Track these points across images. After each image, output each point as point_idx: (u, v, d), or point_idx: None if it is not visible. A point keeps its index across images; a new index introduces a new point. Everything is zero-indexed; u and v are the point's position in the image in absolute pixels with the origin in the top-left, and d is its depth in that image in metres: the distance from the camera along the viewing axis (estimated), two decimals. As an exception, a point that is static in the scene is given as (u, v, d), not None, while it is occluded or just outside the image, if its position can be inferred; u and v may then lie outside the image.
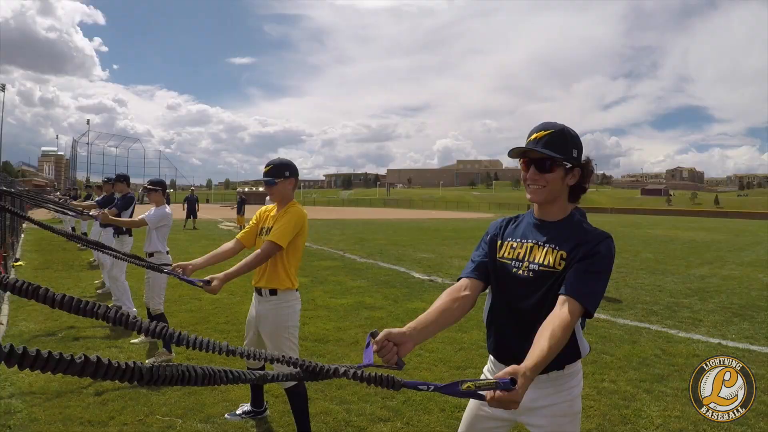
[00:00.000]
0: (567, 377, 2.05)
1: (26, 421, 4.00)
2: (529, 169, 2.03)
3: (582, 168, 2.06)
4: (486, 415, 2.16)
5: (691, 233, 29.01)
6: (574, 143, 2.03)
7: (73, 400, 4.39)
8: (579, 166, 2.04)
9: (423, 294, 9.34)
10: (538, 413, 2.05)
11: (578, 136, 2.06)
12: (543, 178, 2.01)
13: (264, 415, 4.18)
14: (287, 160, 3.81)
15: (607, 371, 5.32)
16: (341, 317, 7.49)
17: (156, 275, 5.76)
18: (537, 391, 2.02)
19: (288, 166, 3.76)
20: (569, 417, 2.06)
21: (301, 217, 3.67)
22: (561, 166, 2.00)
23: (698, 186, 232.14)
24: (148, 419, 4.07)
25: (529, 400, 2.01)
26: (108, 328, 6.70)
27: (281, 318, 3.62)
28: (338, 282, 10.50)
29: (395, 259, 14.16)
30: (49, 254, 14.05)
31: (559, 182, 2.02)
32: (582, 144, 2.07)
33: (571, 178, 2.04)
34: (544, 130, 2.01)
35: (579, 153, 2.04)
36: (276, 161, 3.75)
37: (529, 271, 2.02)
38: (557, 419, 2.04)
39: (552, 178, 2.01)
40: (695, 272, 12.77)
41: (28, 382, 4.78)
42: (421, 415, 4.21)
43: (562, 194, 2.07)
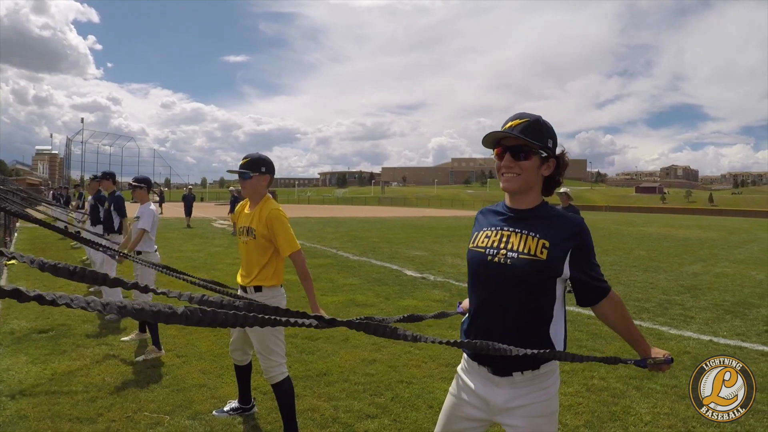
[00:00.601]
0: (543, 377, 2.01)
1: (15, 418, 3.99)
2: (504, 157, 2.01)
3: (557, 159, 2.04)
4: (462, 415, 2.13)
5: (685, 231, 29.07)
6: (550, 134, 2.01)
7: (63, 398, 4.38)
8: (554, 156, 2.03)
9: (415, 291, 9.34)
10: (514, 413, 2.01)
11: (553, 128, 2.05)
12: (518, 166, 1.99)
13: (252, 411, 4.17)
14: (266, 156, 3.81)
15: (597, 368, 5.31)
16: (331, 314, 7.43)
17: (144, 273, 5.75)
18: (512, 391, 2.01)
19: (265, 162, 3.76)
20: (546, 417, 2.03)
21: (285, 215, 3.69)
22: (537, 155, 1.98)
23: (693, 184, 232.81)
24: (136, 416, 4.07)
25: (504, 401, 2.01)
26: (98, 326, 6.69)
27: None
28: (330, 280, 10.49)
29: (388, 256, 14.15)
30: (42, 253, 13.98)
31: (534, 171, 2.00)
32: (557, 136, 2.05)
33: (546, 168, 2.03)
34: (519, 118, 2.00)
35: (554, 144, 2.03)
36: (254, 155, 3.75)
37: (506, 258, 1.98)
38: (534, 419, 2.00)
39: (527, 166, 1.99)
40: (688, 269, 12.80)
41: (18, 379, 4.78)
42: (409, 412, 4.22)
43: (537, 184, 2.05)
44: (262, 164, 3.75)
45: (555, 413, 2.07)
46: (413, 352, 5.76)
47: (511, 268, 1.96)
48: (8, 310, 7.37)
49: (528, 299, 1.96)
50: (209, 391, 4.58)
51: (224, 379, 4.78)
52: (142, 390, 4.59)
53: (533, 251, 1.94)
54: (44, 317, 7.00)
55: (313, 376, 5.01)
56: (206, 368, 5.16)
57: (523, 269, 1.94)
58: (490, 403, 2.04)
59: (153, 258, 5.89)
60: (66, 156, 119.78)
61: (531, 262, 1.93)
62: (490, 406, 2.05)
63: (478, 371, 2.10)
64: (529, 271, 1.93)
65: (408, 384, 4.81)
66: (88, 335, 6.26)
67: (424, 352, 5.74)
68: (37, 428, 3.84)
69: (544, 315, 1.98)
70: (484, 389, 2.06)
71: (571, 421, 4.12)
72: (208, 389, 4.63)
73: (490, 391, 2.04)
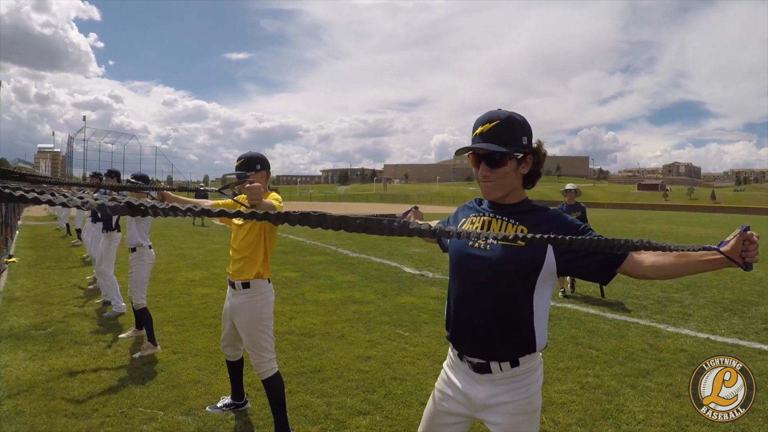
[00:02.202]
0: (524, 374, 2.00)
1: (12, 414, 4.02)
2: (480, 165, 1.98)
3: (534, 154, 2.00)
4: (445, 410, 2.14)
5: (686, 228, 29.06)
6: (523, 130, 1.95)
7: (59, 393, 4.41)
8: (531, 153, 1.98)
9: (413, 289, 9.35)
10: (495, 410, 2.01)
11: (526, 121, 1.98)
12: (495, 173, 1.95)
13: (245, 407, 4.20)
14: (258, 153, 3.85)
15: (592, 366, 5.32)
16: (329, 312, 7.50)
17: (138, 269, 5.79)
18: (494, 388, 2.01)
19: (259, 159, 3.79)
20: (527, 415, 2.01)
21: (280, 201, 3.65)
22: (512, 158, 1.94)
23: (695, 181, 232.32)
24: (130, 411, 4.10)
25: (485, 397, 2.00)
26: (97, 323, 6.72)
27: (255, 311, 3.63)
28: (329, 277, 10.51)
29: (387, 254, 14.15)
30: (43, 251, 14.02)
31: (512, 174, 1.97)
32: (531, 129, 1.99)
33: (524, 167, 1.99)
34: (489, 122, 1.93)
35: (529, 139, 1.97)
36: (247, 155, 3.78)
37: (486, 245, 1.97)
38: (514, 417, 1.99)
39: (504, 172, 1.95)
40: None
41: (15, 375, 4.80)
42: (401, 408, 4.23)
43: (518, 185, 2.03)
44: (257, 162, 3.78)
45: (536, 411, 2.05)
46: (408, 349, 5.77)
47: (490, 257, 1.96)
48: (7, 307, 7.41)
49: (507, 287, 1.94)
50: (204, 388, 4.60)
51: (219, 376, 4.80)
52: (138, 386, 4.61)
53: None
54: (43, 314, 7.03)
55: (308, 372, 5.02)
56: (201, 365, 5.17)
57: (501, 255, 1.93)
58: (472, 399, 2.04)
59: (147, 255, 5.91)
60: (68, 154, 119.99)
61: (509, 249, 1.92)
62: (472, 402, 2.05)
63: (461, 367, 2.10)
64: (507, 258, 1.92)
65: (401, 381, 4.83)
66: (86, 332, 6.27)
67: (419, 349, 5.76)
68: (33, 423, 3.87)
69: (524, 304, 1.95)
70: (467, 385, 2.06)
71: (564, 419, 4.11)
72: (202, 385, 4.65)
73: (472, 388, 2.05)
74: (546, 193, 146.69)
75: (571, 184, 9.41)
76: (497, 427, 2.01)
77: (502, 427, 2.00)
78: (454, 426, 2.14)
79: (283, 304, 7.78)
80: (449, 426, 2.14)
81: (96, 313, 7.26)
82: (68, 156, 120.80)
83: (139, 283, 5.79)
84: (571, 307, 8.00)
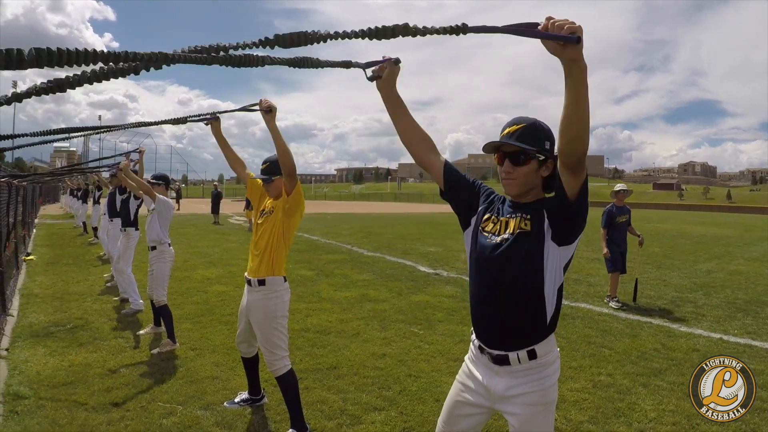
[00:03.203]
0: (541, 366, 2.10)
1: (33, 407, 4.13)
2: (504, 163, 2.10)
3: (555, 159, 2.07)
4: (465, 401, 2.23)
5: (701, 228, 28.82)
6: (547, 135, 2.09)
7: (79, 388, 4.52)
8: (552, 157, 2.10)
9: (427, 287, 9.40)
10: (512, 401, 2.11)
11: (550, 129, 2.11)
12: (517, 171, 2.08)
13: (261, 403, 4.29)
14: None
15: (605, 365, 5.35)
16: (344, 309, 7.57)
17: (159, 267, 5.89)
18: (512, 379, 2.11)
19: None
20: (542, 406, 2.10)
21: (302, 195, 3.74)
22: (534, 158, 2.06)
23: (711, 180, 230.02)
24: (150, 406, 4.19)
25: (504, 389, 2.11)
26: (115, 320, 6.84)
27: (270, 309, 3.71)
28: (344, 275, 10.59)
29: (402, 252, 14.20)
30: (60, 248, 14.23)
31: (533, 174, 2.09)
32: (554, 136, 2.09)
33: (545, 170, 2.10)
34: (516, 124, 2.08)
35: (552, 145, 2.09)
36: (272, 158, 3.83)
37: (503, 240, 2.10)
38: (531, 408, 2.09)
39: (526, 171, 2.07)
40: (702, 267, 12.73)
41: (36, 370, 4.92)
42: (416, 404, 4.29)
43: (537, 185, 2.13)
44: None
45: (552, 403, 2.14)
46: (422, 346, 5.83)
47: (506, 249, 2.08)
48: (26, 304, 7.56)
49: (519, 270, 2.05)
50: (221, 383, 4.70)
51: (236, 372, 4.88)
52: (157, 381, 4.71)
53: (521, 226, 2.07)
54: (61, 311, 7.17)
55: (323, 369, 5.10)
56: (219, 361, 5.27)
57: (513, 244, 2.07)
58: (491, 390, 2.15)
59: (168, 252, 6.02)
60: (83, 153, 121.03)
61: (518, 235, 2.06)
62: (491, 394, 2.15)
63: (481, 359, 2.21)
64: (519, 243, 2.06)
65: (416, 378, 4.89)
66: (104, 329, 6.40)
67: (433, 347, 5.81)
68: (54, 417, 3.98)
69: (537, 285, 2.06)
70: (486, 377, 2.17)
71: (576, 416, 4.16)
72: (220, 381, 4.75)
73: (491, 380, 2.15)
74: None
75: (621, 184, 8.96)
76: (514, 417, 2.11)
77: (519, 417, 2.10)
78: (473, 417, 2.25)
79: (299, 302, 7.87)
80: (468, 417, 2.25)
81: (114, 310, 7.38)
82: (84, 155, 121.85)
83: (160, 280, 5.90)
84: (585, 307, 8.02)
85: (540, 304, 2.07)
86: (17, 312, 7.09)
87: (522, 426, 2.09)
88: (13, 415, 4.00)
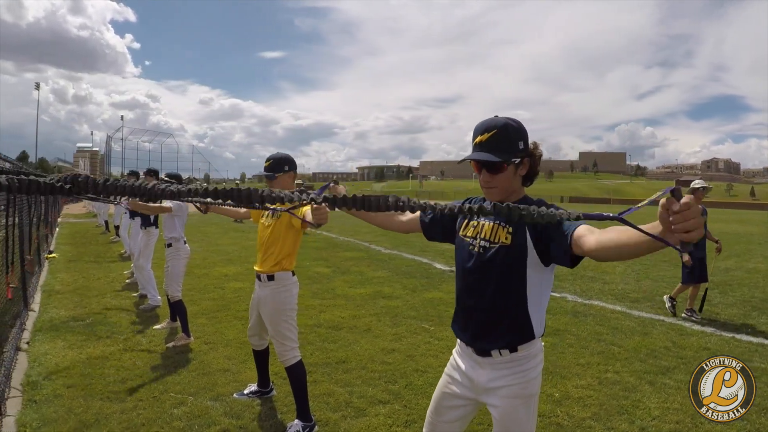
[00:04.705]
0: (522, 359, 2.14)
1: (51, 397, 4.29)
2: (481, 172, 2.13)
3: (530, 156, 2.14)
4: (451, 392, 2.30)
5: (723, 225, 28.41)
6: (519, 135, 2.10)
7: (95, 379, 4.68)
8: (527, 155, 2.13)
9: (441, 284, 9.45)
10: (494, 393, 2.16)
11: (522, 126, 2.12)
12: (495, 179, 2.11)
13: (270, 395, 4.41)
14: (286, 154, 4.00)
15: (613, 362, 5.36)
16: (358, 306, 7.66)
17: (175, 263, 6.03)
18: (494, 372, 2.16)
19: (287, 160, 3.95)
20: (522, 399, 2.14)
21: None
22: (510, 164, 2.09)
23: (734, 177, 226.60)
24: (162, 396, 4.34)
25: (486, 381, 2.17)
26: (133, 315, 7.00)
27: (279, 302, 3.82)
28: (360, 272, 10.68)
29: (419, 250, 14.23)
30: (82, 247, 14.50)
31: (510, 178, 2.12)
32: (527, 132, 2.13)
33: (522, 169, 2.14)
34: (486, 131, 2.08)
35: (525, 143, 2.12)
36: (275, 155, 3.95)
37: (480, 247, 2.15)
38: (510, 400, 2.13)
39: (504, 177, 2.11)
40: (720, 265, 12.56)
41: (54, 362, 5.08)
42: (420, 398, 4.35)
43: (517, 187, 2.18)
44: (285, 163, 3.95)
45: (533, 396, 2.17)
46: (432, 342, 5.90)
47: (484, 256, 2.13)
48: (47, 300, 7.76)
49: (501, 282, 2.10)
50: (232, 376, 4.82)
51: (247, 365, 4.99)
52: (170, 373, 4.86)
53: (501, 239, 2.09)
54: (81, 306, 7.36)
55: (333, 363, 5.20)
56: (231, 354, 5.39)
57: (493, 256, 2.10)
58: (475, 382, 2.20)
59: (183, 249, 6.15)
60: (106, 153, 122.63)
61: (499, 249, 2.09)
62: (475, 385, 2.21)
63: (466, 351, 2.27)
64: (498, 257, 2.09)
65: (423, 373, 4.96)
66: (122, 323, 6.58)
67: (443, 343, 5.87)
68: (70, 406, 4.13)
69: (519, 297, 2.10)
70: (470, 369, 2.23)
71: (579, 413, 4.19)
72: (231, 374, 4.87)
73: (475, 371, 2.21)
74: (582, 190, 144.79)
75: (699, 180, 8.23)
76: (496, 409, 2.16)
77: (500, 410, 2.14)
78: (459, 409, 2.30)
79: (314, 298, 7.98)
80: (455, 409, 2.30)
81: (133, 305, 7.56)
82: (107, 155, 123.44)
83: (175, 276, 6.04)
84: (598, 304, 8.02)
85: (523, 314, 2.11)
86: (38, 307, 7.29)
87: (503, 418, 2.14)
88: (32, 404, 4.16)
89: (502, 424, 2.15)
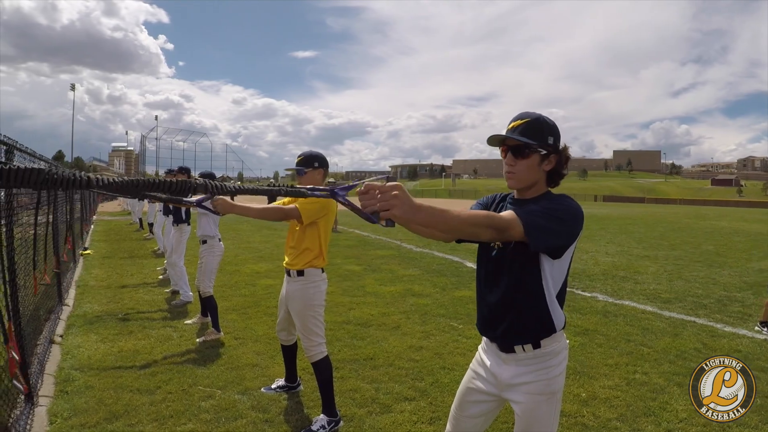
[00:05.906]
0: (546, 356, 2.15)
1: (82, 388, 4.43)
2: (507, 156, 2.16)
3: (558, 154, 2.16)
4: (476, 388, 2.31)
5: (758, 225, 27.77)
6: (550, 131, 2.13)
7: (126, 372, 4.79)
8: (555, 152, 2.14)
9: (471, 283, 9.38)
10: (517, 390, 2.17)
11: (555, 125, 2.16)
12: (518, 164, 2.13)
13: (297, 390, 4.47)
14: (318, 152, 4.05)
15: (642, 363, 5.30)
16: (387, 303, 7.69)
17: (208, 259, 6.13)
18: (517, 368, 2.17)
19: (317, 157, 3.99)
20: (545, 396, 2.14)
21: (327, 202, 3.83)
22: (536, 153, 2.10)
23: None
24: (191, 389, 4.43)
25: (510, 377, 2.18)
26: (164, 310, 7.14)
27: (307, 298, 3.86)
28: (390, 270, 10.70)
29: (450, 248, 14.17)
30: (116, 243, 14.81)
31: (534, 168, 2.13)
32: (559, 132, 2.16)
33: (547, 164, 2.14)
34: (521, 119, 2.12)
35: (555, 140, 2.14)
36: (307, 153, 4.00)
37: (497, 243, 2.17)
38: (533, 397, 2.14)
39: (527, 165, 2.12)
40: (754, 266, 12.34)
41: (87, 355, 5.23)
42: (446, 396, 4.36)
43: (539, 180, 2.17)
44: (315, 160, 3.99)
45: (556, 394, 2.17)
46: (460, 340, 5.90)
47: (502, 251, 2.16)
48: (82, 295, 7.95)
49: (518, 276, 2.11)
50: (261, 371, 4.89)
51: (276, 360, 5.06)
52: (199, 367, 4.95)
53: None
54: (114, 302, 7.54)
55: (361, 360, 5.24)
56: (260, 350, 5.47)
57: (510, 250, 2.12)
58: (498, 378, 2.21)
59: (217, 246, 6.27)
60: (141, 152, 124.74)
61: (517, 245, 2.07)
62: (499, 381, 2.22)
63: (491, 347, 2.28)
64: (514, 251, 2.10)
65: (450, 370, 4.96)
66: (154, 318, 6.72)
67: (471, 341, 5.86)
68: (101, 397, 4.25)
69: (537, 290, 2.11)
70: (495, 365, 2.24)
71: (605, 413, 4.14)
72: (259, 368, 4.95)
73: (499, 367, 2.22)
74: (617, 188, 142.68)
75: None
76: (518, 406, 2.17)
77: (522, 406, 2.15)
78: (482, 404, 2.31)
79: (344, 295, 8.03)
80: (478, 404, 2.32)
81: (165, 301, 7.71)
82: (141, 154, 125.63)
83: (207, 272, 6.15)
84: (629, 304, 7.92)
85: (542, 306, 2.12)
86: (73, 302, 7.48)
87: (525, 414, 2.15)
88: (63, 395, 4.29)
89: (524, 421, 2.16)
